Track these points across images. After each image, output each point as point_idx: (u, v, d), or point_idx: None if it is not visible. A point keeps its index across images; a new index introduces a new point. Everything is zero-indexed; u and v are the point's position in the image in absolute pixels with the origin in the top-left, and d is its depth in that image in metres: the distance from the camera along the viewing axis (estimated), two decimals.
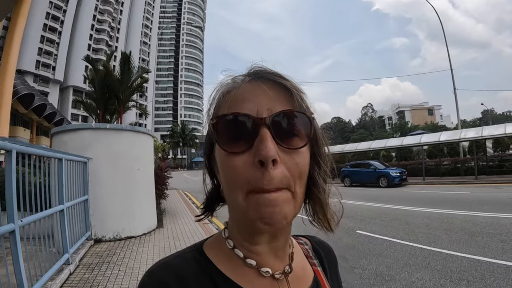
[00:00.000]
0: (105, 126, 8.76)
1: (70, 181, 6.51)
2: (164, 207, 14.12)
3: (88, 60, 18.29)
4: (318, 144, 0.73)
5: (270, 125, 0.61)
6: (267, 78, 0.67)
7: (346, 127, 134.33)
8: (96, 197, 8.12)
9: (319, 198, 0.73)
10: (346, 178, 25.15)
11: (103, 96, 17.70)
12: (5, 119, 23.10)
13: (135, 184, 8.91)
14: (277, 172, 0.60)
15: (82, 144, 8.23)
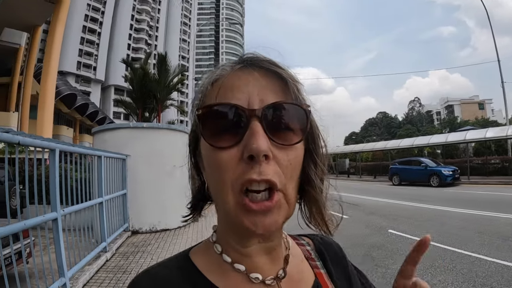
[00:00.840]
0: (142, 125, 9.43)
1: (110, 176, 7.21)
2: None
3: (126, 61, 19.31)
4: (315, 140, 0.69)
5: (262, 118, 0.58)
6: (260, 65, 0.64)
7: (392, 123, 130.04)
8: (134, 192, 8.82)
9: (316, 199, 0.70)
10: (394, 176, 24.47)
11: (141, 96, 18.58)
12: (49, 118, 24.73)
13: (170, 179, 9.51)
14: (269, 168, 0.57)
15: (121, 142, 8.94)
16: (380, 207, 13.32)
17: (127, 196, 8.62)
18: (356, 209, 13.09)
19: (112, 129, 9.33)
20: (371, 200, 15.70)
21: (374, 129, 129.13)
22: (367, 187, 22.87)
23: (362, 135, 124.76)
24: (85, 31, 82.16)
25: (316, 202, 0.71)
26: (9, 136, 2.95)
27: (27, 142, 3.35)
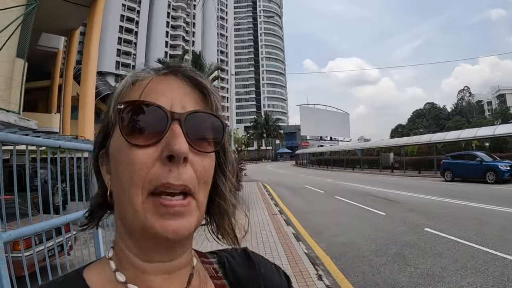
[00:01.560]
0: None
1: None
2: (239, 198, 15.03)
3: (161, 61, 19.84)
4: (226, 154, 0.71)
5: (183, 123, 0.59)
6: (185, 74, 0.66)
7: (441, 114, 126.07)
8: None
9: (225, 210, 0.70)
10: (447, 172, 23.49)
11: None
12: (90, 118, 25.88)
13: None
14: (186, 172, 0.58)
15: None
16: (421, 204, 13.16)
17: None
18: (393, 206, 13.07)
19: None
20: (412, 196, 15.50)
21: (421, 121, 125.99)
22: (409, 183, 22.47)
23: (409, 128, 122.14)
24: (122, 31, 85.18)
25: (226, 213, 0.71)
26: (51, 142, 3.38)
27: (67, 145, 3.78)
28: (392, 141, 42.82)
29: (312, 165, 64.01)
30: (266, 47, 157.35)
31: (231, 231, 0.74)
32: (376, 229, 9.17)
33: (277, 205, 14.16)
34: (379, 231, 8.97)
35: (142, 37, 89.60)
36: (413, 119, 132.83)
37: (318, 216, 11.77)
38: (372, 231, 8.97)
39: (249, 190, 19.38)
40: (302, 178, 32.51)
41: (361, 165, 43.90)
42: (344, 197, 16.13)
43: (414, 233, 8.59)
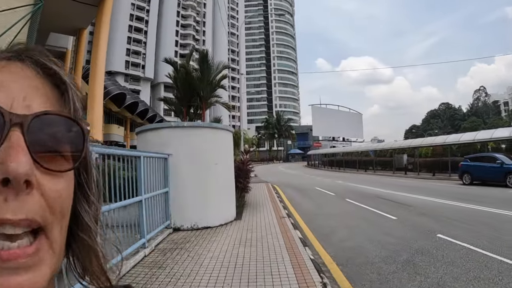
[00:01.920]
0: (183, 124, 9.93)
1: (151, 175, 7.74)
2: (246, 200, 15.04)
3: (168, 60, 19.99)
4: (88, 170, 0.56)
5: (26, 129, 0.43)
6: (34, 60, 0.51)
7: (456, 114, 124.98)
8: (176, 190, 9.33)
9: (91, 246, 0.55)
10: (465, 175, 22.95)
11: (185, 94, 19.29)
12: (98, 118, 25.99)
13: (213, 177, 9.95)
14: (31, 200, 0.42)
15: (163, 141, 9.48)
16: (434, 208, 12.95)
17: (169, 194, 9.14)
18: (405, 210, 12.88)
19: (155, 129, 9.88)
20: (425, 200, 15.28)
21: (436, 122, 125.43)
22: (423, 186, 22.22)
23: (423, 128, 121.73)
24: (131, 31, 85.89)
25: (94, 251, 0.56)
26: None
27: None
28: (406, 142, 42.52)
29: (324, 166, 63.84)
30: (278, 46, 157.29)
31: (101, 272, 0.57)
32: (386, 234, 9.03)
33: (286, 207, 14.07)
34: (389, 236, 8.84)
35: (151, 37, 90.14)
36: (427, 119, 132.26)
37: (327, 219, 11.66)
38: (382, 236, 8.84)
39: (259, 192, 19.29)
40: (313, 179, 32.34)
41: (374, 166, 43.68)
42: (354, 200, 15.96)
43: (426, 239, 8.40)
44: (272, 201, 15.58)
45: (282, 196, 18.49)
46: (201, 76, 18.56)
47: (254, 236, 8.42)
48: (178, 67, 19.96)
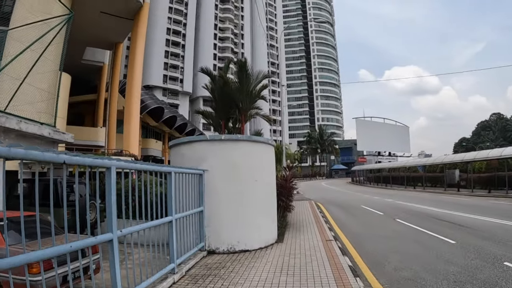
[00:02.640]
0: (220, 137, 9.51)
1: (184, 193, 7.32)
2: (289, 220, 14.48)
3: (205, 71, 19.81)
4: None
5: None
6: None
7: (508, 126, 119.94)
8: (212, 209, 8.89)
9: None
10: None
11: (223, 106, 19.01)
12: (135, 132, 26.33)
13: (252, 195, 9.46)
14: None
15: (199, 156, 9.10)
16: (495, 231, 11.85)
17: (204, 214, 8.71)
18: (463, 232, 11.83)
19: (189, 142, 9.53)
20: (484, 220, 14.15)
21: (487, 134, 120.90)
22: (479, 204, 20.95)
23: (473, 141, 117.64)
24: (169, 45, 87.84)
25: None
26: (53, 156, 3.01)
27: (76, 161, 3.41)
28: (457, 156, 40.60)
29: (369, 182, 62.47)
30: (319, 57, 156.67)
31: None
32: (446, 262, 8.18)
33: (331, 228, 13.37)
34: (449, 264, 7.99)
35: (189, 50, 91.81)
36: (478, 131, 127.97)
37: (377, 242, 10.88)
38: (441, 264, 8.01)
39: (302, 210, 18.69)
40: (359, 197, 31.37)
41: (423, 183, 42.08)
42: (405, 220, 15.02)
43: (492, 268, 7.48)
44: (317, 221, 14.93)
45: (326, 215, 17.82)
46: (240, 86, 18.22)
47: (298, 263, 7.81)
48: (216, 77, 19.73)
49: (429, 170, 42.76)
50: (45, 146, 10.97)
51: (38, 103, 11.28)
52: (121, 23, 27.01)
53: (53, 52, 11.81)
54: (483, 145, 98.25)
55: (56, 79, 12.29)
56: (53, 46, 11.54)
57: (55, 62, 12.30)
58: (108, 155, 24.68)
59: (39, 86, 11.20)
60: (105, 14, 25.18)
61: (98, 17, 25.08)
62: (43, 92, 11.38)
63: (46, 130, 10.71)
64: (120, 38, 31.52)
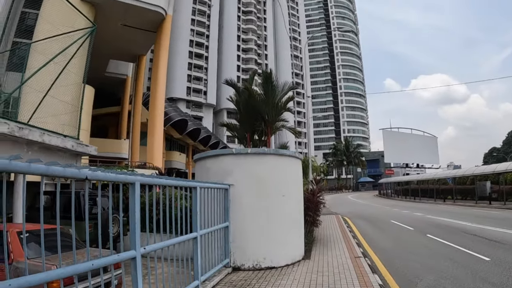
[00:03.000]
0: (246, 151, 9.39)
1: (209, 208, 7.21)
2: (316, 235, 14.23)
3: (230, 82, 19.80)
4: None
5: None
6: None
7: None
8: (238, 224, 8.74)
9: None
10: None
11: (248, 118, 18.91)
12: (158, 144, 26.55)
13: (279, 210, 9.29)
14: None
15: (225, 170, 9.00)
16: None
17: (229, 229, 8.58)
18: (498, 249, 11.33)
19: (214, 156, 9.45)
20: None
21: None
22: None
23: (504, 151, 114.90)
24: (192, 57, 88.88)
25: None
26: (74, 172, 2.94)
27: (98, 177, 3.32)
28: (488, 167, 39.51)
29: (397, 195, 61.53)
30: (343, 67, 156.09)
31: None
32: (482, 281, 7.79)
33: (360, 244, 13.04)
34: (486, 283, 7.59)
35: (212, 62, 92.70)
36: (509, 140, 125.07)
37: (407, 259, 10.52)
38: (476, 283, 7.62)
39: (328, 225, 18.39)
40: (387, 210, 30.78)
41: (453, 195, 41.17)
42: (437, 236, 14.53)
43: None
44: (344, 236, 14.62)
45: (354, 230, 17.47)
46: (265, 98, 18.13)
47: (326, 281, 7.58)
48: (241, 89, 19.69)
49: (459, 182, 41.85)
50: (69, 158, 11.05)
51: (62, 115, 11.42)
52: (144, 35, 27.46)
53: (76, 65, 11.98)
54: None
55: (80, 91, 12.45)
56: (76, 59, 11.70)
57: (79, 75, 12.47)
58: (132, 167, 24.91)
59: (62, 98, 11.34)
60: (128, 27, 25.61)
61: (121, 29, 25.57)
62: (67, 104, 11.50)
63: (70, 142, 10.79)
64: (143, 50, 32.02)
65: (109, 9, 23.39)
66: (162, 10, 25.59)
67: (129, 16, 24.64)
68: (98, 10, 22.82)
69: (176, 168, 46.68)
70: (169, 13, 26.67)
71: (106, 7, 23.01)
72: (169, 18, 26.99)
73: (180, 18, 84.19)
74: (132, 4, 23.67)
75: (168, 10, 26.45)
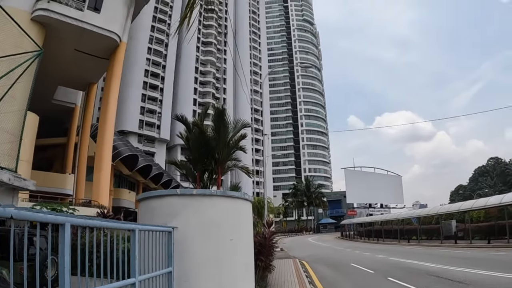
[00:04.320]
0: (192, 192, 9.39)
1: (150, 252, 7.11)
2: (269, 281, 14.21)
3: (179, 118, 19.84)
4: None
5: None
6: None
7: (508, 170, 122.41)
8: (183, 270, 8.64)
9: None
10: None
11: (199, 156, 18.91)
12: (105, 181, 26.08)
13: (228, 255, 9.26)
14: None
15: (169, 211, 8.93)
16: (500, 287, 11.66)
17: (172, 275, 8.47)
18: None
19: (159, 196, 9.39)
20: (487, 276, 13.81)
21: (485, 180, 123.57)
22: (479, 256, 21.06)
23: (471, 188, 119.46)
24: (146, 88, 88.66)
25: None
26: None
27: (25, 216, 3.32)
28: (454, 206, 40.82)
29: (360, 237, 62.24)
30: (305, 103, 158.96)
31: None
32: None
33: None
34: None
35: (168, 94, 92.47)
36: (475, 178, 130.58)
37: None
38: None
39: (284, 270, 18.36)
40: (348, 253, 31.10)
41: (418, 235, 42.21)
42: (398, 279, 14.75)
43: None
44: (300, 281, 14.68)
45: (311, 275, 17.57)
46: (216, 136, 18.24)
47: None
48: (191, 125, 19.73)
49: (424, 221, 42.87)
50: (4, 193, 10.72)
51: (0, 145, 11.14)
52: (96, 62, 27.39)
53: (20, 90, 11.77)
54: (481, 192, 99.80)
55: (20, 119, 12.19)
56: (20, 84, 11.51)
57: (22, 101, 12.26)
58: (75, 204, 24.26)
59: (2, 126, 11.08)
60: (80, 52, 25.50)
61: (72, 54, 25.46)
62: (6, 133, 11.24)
63: (6, 175, 10.49)
64: (94, 78, 31.85)
65: (62, 32, 23.32)
66: (117, 37, 25.61)
67: (82, 40, 24.57)
68: (50, 32, 22.66)
69: (124, 207, 45.69)
70: (123, 40, 26.71)
71: (59, 29, 22.93)
72: (123, 45, 27.01)
73: (136, 46, 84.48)
74: (86, 28, 23.66)
75: (123, 37, 26.48)
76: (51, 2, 22.31)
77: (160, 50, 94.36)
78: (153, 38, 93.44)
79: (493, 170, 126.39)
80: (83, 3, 23.95)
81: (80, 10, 23.60)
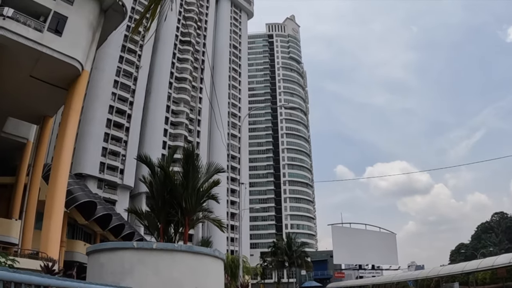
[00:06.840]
0: (151, 246, 8.95)
1: None
2: None
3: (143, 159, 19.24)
4: None
5: None
6: None
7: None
8: None
9: None
10: None
11: (163, 205, 18.16)
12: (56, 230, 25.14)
13: None
14: None
15: (123, 268, 8.42)
16: None
17: None
18: None
19: (111, 249, 8.92)
20: None
21: (489, 237, 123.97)
22: None
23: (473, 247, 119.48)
24: (110, 126, 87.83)
25: None
26: None
27: None
28: (457, 266, 40.74)
29: None
30: (289, 151, 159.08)
31: None
32: None
33: None
34: None
35: (134, 135, 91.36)
36: (478, 235, 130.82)
37: None
38: None
39: None
40: None
41: None
42: None
43: None
44: None
45: None
46: (184, 181, 17.62)
47: None
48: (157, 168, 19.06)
49: (422, 285, 42.85)
50: None
51: None
52: (54, 92, 26.95)
53: None
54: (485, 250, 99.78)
55: None
56: None
57: None
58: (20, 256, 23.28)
59: None
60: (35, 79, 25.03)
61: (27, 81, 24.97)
62: None
63: None
64: (50, 111, 31.33)
65: (16, 55, 22.94)
66: (78, 64, 25.13)
67: (39, 66, 24.17)
68: (3, 53, 22.24)
69: (78, 262, 44.22)
70: (86, 69, 26.35)
71: (13, 51, 22.55)
72: (85, 75, 26.62)
73: (101, 78, 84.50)
74: (45, 52, 23.26)
75: (86, 65, 26.11)
76: (6, 19, 21.96)
77: (128, 84, 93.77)
78: (121, 70, 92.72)
79: (498, 226, 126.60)
80: (43, 23, 23.70)
81: (39, 31, 23.32)
